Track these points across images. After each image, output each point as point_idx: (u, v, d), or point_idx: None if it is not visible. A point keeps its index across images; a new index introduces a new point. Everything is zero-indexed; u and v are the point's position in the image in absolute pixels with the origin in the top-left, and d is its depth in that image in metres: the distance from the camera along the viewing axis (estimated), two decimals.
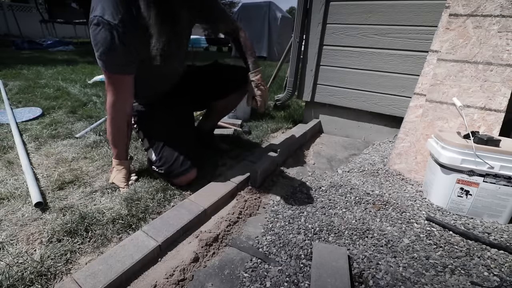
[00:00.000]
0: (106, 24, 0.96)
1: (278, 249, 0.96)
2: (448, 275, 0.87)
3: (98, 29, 0.97)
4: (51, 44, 7.65)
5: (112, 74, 1.08)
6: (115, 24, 0.96)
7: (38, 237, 0.95)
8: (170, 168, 1.25)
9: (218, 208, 1.20)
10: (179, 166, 1.25)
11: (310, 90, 2.20)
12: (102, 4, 0.98)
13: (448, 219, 1.13)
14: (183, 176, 1.27)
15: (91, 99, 2.66)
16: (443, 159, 1.13)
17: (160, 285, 0.81)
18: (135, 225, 1.04)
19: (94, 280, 0.76)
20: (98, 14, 0.96)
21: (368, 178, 1.43)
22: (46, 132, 1.80)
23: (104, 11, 0.96)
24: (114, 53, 1.01)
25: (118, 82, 1.12)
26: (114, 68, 1.06)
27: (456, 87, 1.35)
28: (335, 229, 1.05)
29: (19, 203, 1.11)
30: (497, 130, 1.26)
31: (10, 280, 0.77)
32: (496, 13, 1.28)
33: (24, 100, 2.51)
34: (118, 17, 0.97)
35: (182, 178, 1.27)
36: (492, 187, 1.10)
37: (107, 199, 1.18)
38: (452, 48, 1.36)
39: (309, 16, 2.03)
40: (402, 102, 1.86)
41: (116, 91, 1.12)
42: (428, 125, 1.40)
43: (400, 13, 1.74)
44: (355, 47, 1.95)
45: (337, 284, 0.77)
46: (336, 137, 2.21)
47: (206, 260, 0.92)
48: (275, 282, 0.83)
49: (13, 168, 1.37)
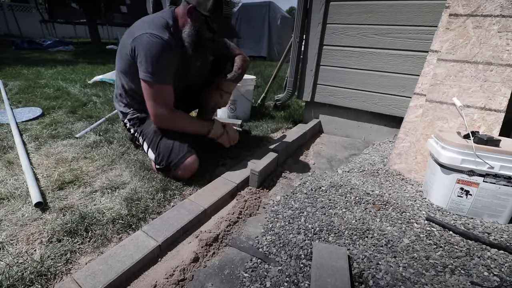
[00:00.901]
0: (159, 38, 1.14)
1: (278, 249, 0.96)
2: (448, 275, 0.87)
3: (154, 42, 1.14)
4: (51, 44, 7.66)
5: (161, 84, 1.21)
6: (166, 39, 1.16)
7: (38, 237, 0.95)
8: (168, 159, 1.28)
9: (218, 208, 1.20)
10: (177, 154, 1.28)
11: (310, 90, 2.20)
12: (148, 26, 1.18)
13: (448, 219, 1.13)
14: (183, 164, 1.28)
15: (91, 99, 2.66)
16: (443, 159, 1.13)
17: (160, 285, 0.81)
18: (135, 225, 1.04)
19: (94, 280, 0.76)
20: (148, 32, 1.15)
21: (368, 178, 1.43)
22: (46, 132, 1.80)
23: (151, 30, 1.16)
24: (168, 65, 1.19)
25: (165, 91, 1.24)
26: (164, 78, 1.21)
27: (456, 87, 1.35)
28: (335, 229, 1.05)
29: (19, 203, 1.11)
30: (497, 130, 1.26)
31: (10, 280, 0.77)
32: (496, 13, 1.28)
33: (24, 100, 2.51)
34: (166, 34, 1.17)
35: (182, 166, 1.28)
36: (492, 187, 1.10)
37: (107, 199, 1.18)
38: (452, 48, 1.36)
39: (309, 16, 2.03)
40: (402, 102, 1.86)
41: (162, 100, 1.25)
42: (428, 125, 1.40)
43: (400, 13, 1.74)
44: (355, 47, 1.95)
45: (337, 284, 0.77)
46: (336, 137, 2.21)
47: (206, 260, 0.92)
48: (275, 282, 0.83)
49: (13, 168, 1.37)
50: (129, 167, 1.42)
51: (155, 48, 1.14)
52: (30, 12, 11.71)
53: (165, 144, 1.30)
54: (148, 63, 1.15)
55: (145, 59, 1.15)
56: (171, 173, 1.33)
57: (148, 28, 1.17)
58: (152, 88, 1.19)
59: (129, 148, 1.64)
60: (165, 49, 1.16)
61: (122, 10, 12.38)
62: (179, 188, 1.30)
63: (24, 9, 11.81)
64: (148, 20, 1.24)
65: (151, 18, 1.25)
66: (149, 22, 1.21)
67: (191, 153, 1.30)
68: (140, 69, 1.18)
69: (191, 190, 1.30)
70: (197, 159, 1.32)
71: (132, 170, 1.39)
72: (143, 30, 1.17)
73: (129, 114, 1.43)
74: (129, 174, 1.37)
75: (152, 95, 1.20)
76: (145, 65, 1.15)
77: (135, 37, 1.18)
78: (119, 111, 1.49)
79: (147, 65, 1.15)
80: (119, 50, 1.32)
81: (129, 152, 1.59)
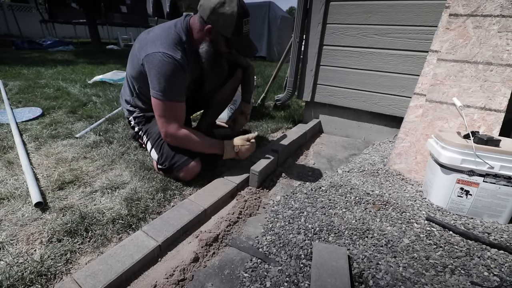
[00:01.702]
0: (171, 58, 1.14)
1: (278, 249, 0.96)
2: (448, 275, 0.87)
3: (166, 62, 1.14)
4: (51, 44, 7.65)
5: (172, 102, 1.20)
6: (179, 59, 1.15)
7: (38, 237, 0.95)
8: (172, 161, 1.28)
9: (218, 208, 1.20)
10: (181, 157, 1.28)
11: (310, 90, 2.20)
12: (160, 43, 1.16)
13: (448, 219, 1.13)
14: (186, 167, 1.28)
15: (91, 99, 2.66)
16: (443, 159, 1.13)
17: (160, 285, 0.81)
18: (135, 225, 1.04)
19: (94, 280, 0.76)
20: (161, 51, 1.14)
21: (368, 178, 1.43)
22: (46, 132, 1.80)
23: (164, 49, 1.15)
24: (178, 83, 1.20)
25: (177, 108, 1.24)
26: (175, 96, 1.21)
27: (456, 87, 1.35)
28: (335, 229, 1.05)
29: (19, 203, 1.11)
30: (497, 130, 1.26)
31: (10, 280, 0.77)
32: (496, 13, 1.28)
33: (24, 100, 2.51)
34: (179, 54, 1.16)
35: (185, 169, 1.28)
36: (492, 187, 1.10)
37: (107, 199, 1.18)
38: (452, 48, 1.36)
39: (309, 16, 2.03)
40: (402, 102, 1.86)
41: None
42: (428, 125, 1.40)
43: (400, 13, 1.74)
44: (355, 47, 1.95)
45: (337, 284, 0.77)
46: (336, 137, 2.21)
47: (206, 260, 0.92)
48: (275, 282, 0.83)
49: (13, 168, 1.37)
50: (129, 167, 1.42)
51: (166, 69, 1.13)
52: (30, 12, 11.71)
53: (170, 147, 1.30)
54: (160, 83, 1.14)
55: (157, 79, 1.14)
56: (172, 174, 1.33)
57: (161, 46, 1.15)
58: (163, 105, 1.19)
59: (129, 148, 1.64)
60: (177, 69, 1.15)
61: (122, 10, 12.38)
62: (179, 188, 1.30)
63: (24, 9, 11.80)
64: (162, 35, 1.20)
65: (166, 32, 1.21)
66: (163, 39, 1.18)
67: (195, 156, 1.30)
68: (151, 87, 1.18)
69: (191, 190, 1.30)
70: (200, 163, 1.32)
71: (132, 170, 1.39)
72: (156, 48, 1.15)
73: (136, 112, 1.44)
74: (129, 174, 1.37)
75: (163, 113, 1.20)
76: (157, 84, 1.15)
77: (148, 54, 1.16)
78: (124, 109, 1.49)
79: (159, 84, 1.15)
80: (130, 56, 1.33)
81: (129, 152, 1.59)
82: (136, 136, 1.53)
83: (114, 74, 3.73)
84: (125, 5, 12.37)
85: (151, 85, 1.18)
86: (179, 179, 1.34)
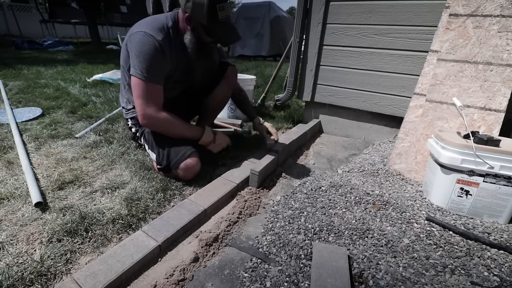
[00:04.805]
0: (152, 38, 1.16)
1: (278, 249, 0.96)
2: (448, 275, 0.87)
3: (146, 41, 1.15)
4: (51, 44, 7.66)
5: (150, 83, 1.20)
6: (159, 40, 1.17)
7: (38, 237, 0.95)
8: (168, 159, 1.28)
9: (218, 208, 1.20)
10: (176, 154, 1.28)
11: (310, 90, 2.20)
12: (145, 26, 1.19)
13: (448, 219, 1.13)
14: (183, 163, 1.27)
15: (91, 99, 2.66)
16: (443, 159, 1.13)
17: (160, 285, 0.81)
18: (135, 225, 1.04)
19: (94, 280, 0.76)
20: (143, 30, 1.17)
21: (368, 178, 1.43)
22: (46, 132, 1.80)
23: (147, 29, 1.17)
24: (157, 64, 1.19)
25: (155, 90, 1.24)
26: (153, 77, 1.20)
27: (456, 87, 1.35)
28: (335, 229, 1.05)
29: (19, 203, 1.11)
30: (497, 130, 1.26)
31: (10, 280, 0.77)
32: (496, 13, 1.28)
33: (24, 100, 2.51)
34: (160, 36, 1.18)
35: (184, 167, 1.27)
36: (492, 187, 1.10)
37: (107, 199, 1.18)
38: (452, 48, 1.36)
39: (309, 16, 2.03)
40: (402, 102, 1.86)
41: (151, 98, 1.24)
42: (428, 125, 1.40)
43: (400, 13, 1.74)
44: (355, 47, 1.95)
45: (337, 284, 0.77)
46: (336, 137, 2.21)
47: (206, 260, 0.92)
48: (275, 282, 0.83)
49: (13, 168, 1.37)
50: (129, 167, 1.42)
51: (147, 48, 1.15)
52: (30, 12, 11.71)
53: (167, 144, 1.31)
54: (139, 60, 1.16)
55: (136, 56, 1.16)
56: (172, 174, 1.33)
57: (145, 27, 1.19)
58: (141, 85, 1.19)
59: (129, 148, 1.64)
60: (156, 50, 1.17)
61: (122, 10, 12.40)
62: (179, 188, 1.30)
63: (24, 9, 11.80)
64: (148, 20, 1.26)
65: (152, 18, 1.26)
66: (148, 22, 1.23)
67: (191, 154, 1.29)
68: (132, 65, 1.19)
69: (191, 190, 1.30)
70: (198, 161, 1.31)
71: (132, 170, 1.39)
72: (140, 28, 1.20)
73: (130, 112, 1.44)
74: (129, 174, 1.37)
75: (141, 93, 1.20)
76: (137, 62, 1.17)
77: (131, 33, 1.21)
78: (122, 106, 1.50)
79: (138, 62, 1.16)
80: (122, 46, 1.35)
81: (129, 152, 1.59)
82: (135, 137, 1.54)
83: (114, 73, 3.74)
84: (125, 5, 12.39)
85: (132, 64, 1.19)
86: (179, 179, 1.34)
